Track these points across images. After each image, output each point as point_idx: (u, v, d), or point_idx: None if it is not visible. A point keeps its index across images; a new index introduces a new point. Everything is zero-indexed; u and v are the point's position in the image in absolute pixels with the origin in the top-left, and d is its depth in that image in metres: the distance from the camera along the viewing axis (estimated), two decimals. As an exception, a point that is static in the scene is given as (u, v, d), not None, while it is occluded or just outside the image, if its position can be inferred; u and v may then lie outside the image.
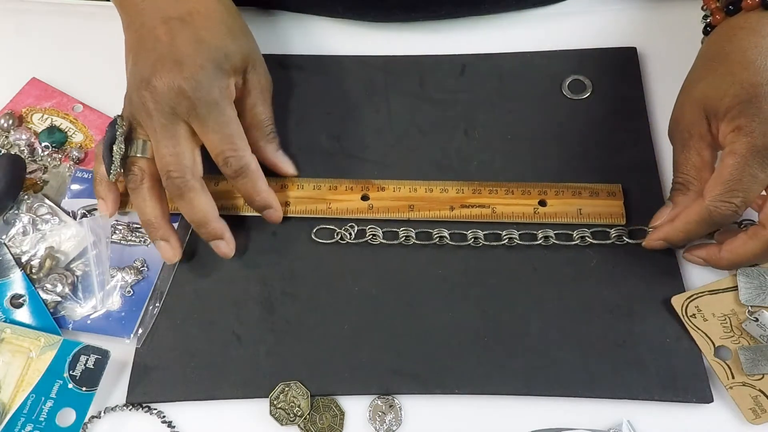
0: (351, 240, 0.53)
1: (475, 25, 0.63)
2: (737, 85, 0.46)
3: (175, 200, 0.49)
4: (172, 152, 0.48)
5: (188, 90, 0.47)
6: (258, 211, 0.52)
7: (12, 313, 0.50)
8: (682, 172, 0.50)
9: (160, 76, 0.47)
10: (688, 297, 0.50)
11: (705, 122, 0.48)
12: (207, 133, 0.48)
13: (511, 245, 0.53)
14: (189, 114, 0.48)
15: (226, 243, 0.50)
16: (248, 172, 0.50)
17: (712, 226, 0.48)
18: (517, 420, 0.47)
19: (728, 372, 0.48)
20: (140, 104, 0.48)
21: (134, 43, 0.50)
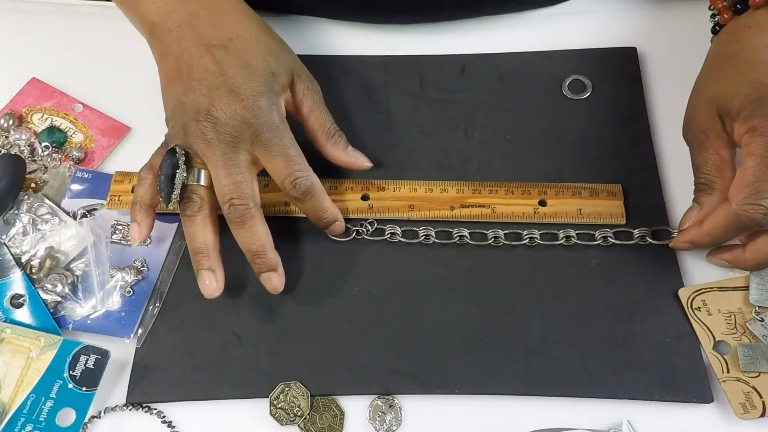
0: (368, 236, 0.53)
1: (475, 25, 0.63)
2: (747, 84, 0.46)
3: (235, 228, 0.48)
4: (234, 180, 0.47)
5: (250, 118, 0.47)
6: (324, 228, 0.52)
7: (12, 313, 0.50)
8: (704, 172, 0.49)
9: (219, 106, 0.47)
10: (696, 290, 0.50)
11: (719, 121, 0.48)
12: (272, 159, 0.48)
13: (511, 245, 0.53)
14: (253, 141, 0.48)
15: (278, 276, 0.49)
16: (314, 191, 0.49)
17: (740, 230, 0.47)
18: (517, 420, 0.47)
19: (724, 366, 0.48)
20: (199, 134, 0.47)
21: (176, 70, 0.49)
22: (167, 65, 0.50)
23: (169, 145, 0.49)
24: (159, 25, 0.51)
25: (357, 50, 0.62)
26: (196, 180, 0.49)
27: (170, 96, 0.50)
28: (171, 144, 0.49)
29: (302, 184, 0.49)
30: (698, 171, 0.50)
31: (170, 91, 0.50)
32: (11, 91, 0.59)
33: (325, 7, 0.62)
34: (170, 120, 0.50)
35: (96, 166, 0.56)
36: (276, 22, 0.63)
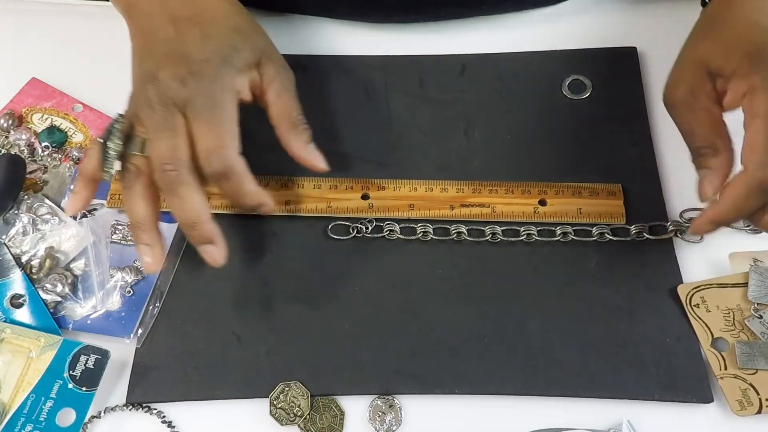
0: (367, 233, 0.53)
1: (475, 25, 0.63)
2: (745, 45, 0.45)
3: (167, 196, 0.46)
4: (168, 144, 0.45)
5: (190, 81, 0.46)
6: (250, 212, 0.50)
7: (12, 313, 0.50)
8: (700, 134, 0.46)
9: (165, 68, 0.47)
10: (695, 287, 0.50)
11: (709, 81, 0.47)
12: (197, 127, 0.46)
13: (509, 241, 0.53)
14: (186, 105, 0.46)
15: (217, 249, 0.47)
16: (233, 174, 0.46)
17: (764, 196, 0.44)
18: (517, 420, 0.47)
19: (722, 363, 0.48)
20: (144, 98, 0.47)
21: (141, 44, 0.50)
22: (136, 43, 0.50)
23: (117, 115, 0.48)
24: (134, 5, 0.51)
25: (357, 50, 0.62)
26: (137, 149, 0.46)
27: (132, 69, 0.50)
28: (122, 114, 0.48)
29: (215, 162, 0.45)
30: (693, 135, 0.47)
31: (133, 63, 0.50)
32: (11, 91, 0.59)
33: (325, 6, 0.62)
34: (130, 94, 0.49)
35: (96, 166, 0.56)
36: (276, 21, 0.63)
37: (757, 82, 0.44)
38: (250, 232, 0.54)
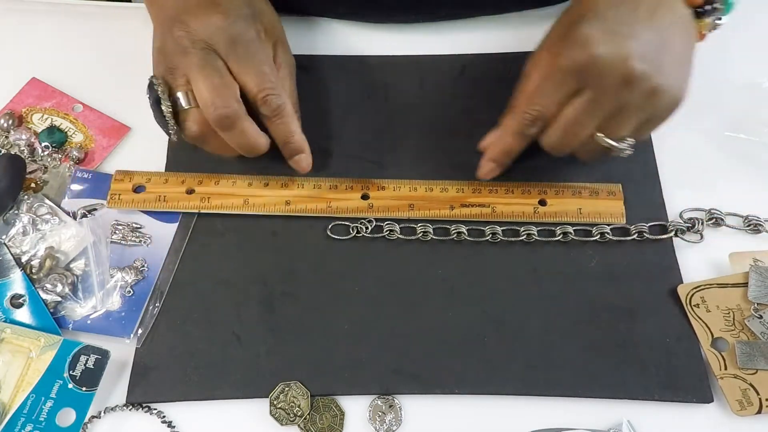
0: (367, 233, 0.53)
1: (475, 25, 0.63)
2: None
3: (226, 133, 0.49)
4: (213, 85, 0.47)
5: (226, 26, 0.47)
6: (289, 157, 0.52)
7: (12, 313, 0.50)
8: (514, 99, 0.51)
9: (196, 15, 0.47)
10: (695, 287, 0.50)
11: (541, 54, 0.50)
12: (246, 72, 0.48)
13: (509, 241, 0.53)
14: (227, 51, 0.47)
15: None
16: (285, 112, 0.49)
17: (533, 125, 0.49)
18: (517, 420, 0.47)
19: (722, 363, 0.48)
20: (175, 45, 0.47)
21: (164, 9, 0.50)
22: (160, 15, 0.51)
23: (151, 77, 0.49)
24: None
25: (357, 50, 0.62)
26: (184, 104, 0.48)
27: (156, 34, 0.50)
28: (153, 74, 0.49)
29: (273, 102, 0.49)
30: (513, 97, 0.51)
31: (157, 28, 0.50)
32: (11, 91, 0.59)
33: (325, 6, 0.62)
34: (154, 54, 0.50)
35: (96, 166, 0.56)
36: (276, 22, 0.63)
37: None
38: (250, 232, 0.54)
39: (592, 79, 0.46)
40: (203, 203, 0.53)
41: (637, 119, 0.47)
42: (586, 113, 0.47)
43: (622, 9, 0.46)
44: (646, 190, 0.55)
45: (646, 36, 0.45)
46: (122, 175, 0.55)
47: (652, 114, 0.47)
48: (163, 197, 0.54)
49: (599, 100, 0.46)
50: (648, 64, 0.45)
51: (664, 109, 0.47)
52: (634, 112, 0.47)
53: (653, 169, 0.56)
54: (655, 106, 0.47)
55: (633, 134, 0.48)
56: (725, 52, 0.61)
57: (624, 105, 0.46)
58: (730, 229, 0.54)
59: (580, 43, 0.45)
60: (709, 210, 0.54)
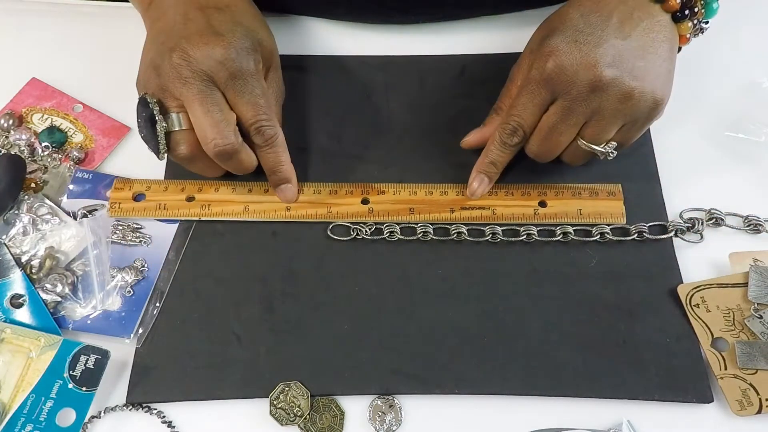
0: (367, 236, 0.53)
1: (475, 25, 0.63)
2: None
3: (222, 163, 0.51)
4: (215, 120, 0.48)
5: (227, 60, 0.48)
6: (275, 185, 0.53)
7: (12, 313, 0.50)
8: (499, 100, 0.55)
9: (197, 45, 0.48)
10: (695, 287, 0.50)
11: (526, 61, 0.52)
12: (243, 103, 0.49)
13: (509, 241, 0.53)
14: (226, 83, 0.48)
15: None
16: (276, 142, 0.51)
17: (513, 135, 0.51)
18: (517, 420, 0.47)
19: (722, 363, 0.48)
20: (175, 73, 0.48)
21: (163, 28, 0.50)
22: (156, 27, 0.51)
23: (140, 94, 0.49)
24: None
25: (357, 50, 0.62)
26: (176, 125, 0.49)
27: (149, 49, 0.50)
28: (142, 92, 0.49)
29: (266, 132, 0.50)
30: (498, 100, 0.55)
31: (151, 45, 0.50)
32: (11, 91, 0.59)
33: (325, 7, 0.62)
34: (143, 68, 0.50)
35: (96, 166, 0.56)
36: (276, 22, 0.63)
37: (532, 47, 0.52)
38: (250, 232, 0.54)
39: (562, 88, 0.48)
40: (203, 210, 0.54)
41: (616, 124, 0.49)
42: (561, 121, 0.49)
43: (593, 18, 0.48)
44: (646, 190, 0.55)
45: (617, 43, 0.47)
46: (122, 183, 0.55)
47: (631, 117, 0.49)
48: (164, 205, 0.54)
49: (571, 108, 0.48)
50: (618, 69, 0.47)
51: (643, 111, 0.48)
52: (610, 117, 0.48)
53: (653, 169, 0.56)
54: (632, 110, 0.48)
55: (618, 138, 0.50)
56: (725, 52, 0.62)
57: (598, 111, 0.48)
58: (730, 229, 0.54)
59: (547, 54, 0.48)
60: (709, 210, 0.54)
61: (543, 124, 0.50)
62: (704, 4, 0.50)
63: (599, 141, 0.50)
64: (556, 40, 0.48)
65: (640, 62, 0.47)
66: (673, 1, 0.49)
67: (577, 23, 0.48)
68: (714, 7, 0.50)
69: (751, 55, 0.62)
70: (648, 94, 0.48)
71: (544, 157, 0.52)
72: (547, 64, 0.48)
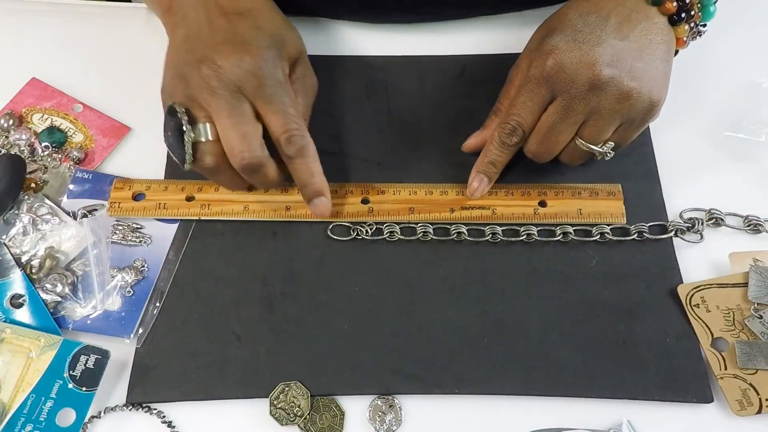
0: (367, 236, 0.53)
1: (475, 25, 0.63)
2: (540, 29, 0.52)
3: (248, 177, 0.50)
4: (242, 132, 0.47)
5: (255, 69, 0.47)
6: (308, 199, 0.52)
7: (12, 313, 0.50)
8: (498, 101, 0.55)
9: (225, 56, 0.47)
10: (695, 287, 0.50)
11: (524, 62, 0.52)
12: (272, 113, 0.48)
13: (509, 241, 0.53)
14: (256, 93, 0.48)
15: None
16: (307, 152, 0.50)
17: (513, 134, 0.51)
18: (517, 420, 0.47)
19: (722, 363, 0.48)
20: (203, 83, 0.47)
21: (187, 34, 0.50)
22: (179, 33, 0.50)
23: (167, 103, 0.49)
24: (178, 0, 0.52)
25: (357, 50, 0.62)
26: (203, 136, 0.48)
27: (174, 56, 0.50)
28: (169, 101, 0.48)
29: (297, 141, 0.49)
30: (497, 101, 0.55)
31: (176, 52, 0.50)
32: (11, 91, 0.59)
33: (325, 6, 0.62)
34: (169, 77, 0.49)
35: (96, 166, 0.56)
36: (276, 22, 0.63)
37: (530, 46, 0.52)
38: (251, 232, 0.54)
39: (561, 86, 0.48)
40: (203, 210, 0.53)
41: (613, 123, 0.49)
42: (560, 120, 0.49)
43: (591, 18, 0.48)
44: (646, 190, 0.55)
45: (615, 43, 0.48)
46: (121, 183, 0.55)
47: (628, 117, 0.49)
48: (163, 205, 0.54)
49: (570, 107, 0.48)
50: (616, 69, 0.47)
51: (639, 112, 0.49)
52: (608, 117, 0.48)
53: (653, 169, 0.56)
54: (630, 110, 0.48)
55: (615, 139, 0.50)
56: (725, 52, 0.62)
57: (596, 110, 0.48)
58: (730, 229, 0.54)
59: (547, 53, 0.48)
60: (709, 210, 0.54)
61: (542, 124, 0.50)
62: (701, 8, 0.50)
63: (597, 141, 0.50)
64: (555, 39, 0.48)
65: (638, 63, 0.48)
66: (669, 4, 0.49)
67: (576, 23, 0.49)
68: (711, 11, 0.51)
69: (750, 55, 0.62)
70: (645, 95, 0.48)
71: (543, 157, 0.52)
72: (547, 63, 0.48)
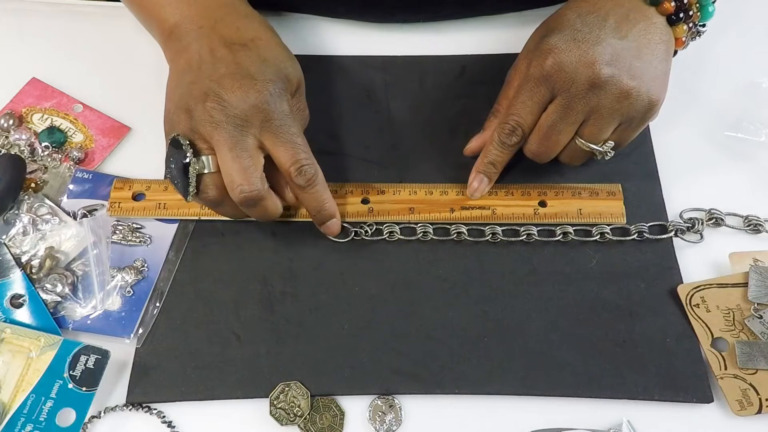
0: (367, 237, 0.53)
1: (475, 25, 0.63)
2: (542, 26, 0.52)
3: (246, 210, 0.49)
4: (243, 165, 0.47)
5: (262, 103, 0.47)
6: (320, 223, 0.52)
7: (12, 313, 0.50)
8: (497, 102, 0.54)
9: (231, 90, 0.47)
10: (695, 287, 0.50)
11: (523, 62, 0.52)
12: (280, 145, 0.48)
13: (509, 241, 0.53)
14: (262, 126, 0.48)
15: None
16: (317, 181, 0.50)
17: (512, 135, 0.51)
18: (517, 420, 0.47)
19: (722, 363, 0.48)
20: (207, 116, 0.47)
21: (189, 64, 0.50)
22: (181, 61, 0.50)
23: (170, 134, 0.49)
24: (180, 27, 0.51)
25: (357, 50, 0.62)
26: (206, 168, 0.48)
27: (177, 86, 0.50)
28: (172, 133, 0.48)
29: (307, 172, 0.49)
30: (496, 103, 0.55)
31: (179, 81, 0.50)
32: (11, 91, 0.59)
33: (325, 5, 0.62)
34: (172, 108, 0.49)
35: (96, 166, 0.56)
36: (276, 21, 0.63)
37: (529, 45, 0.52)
38: (250, 232, 0.54)
39: (561, 85, 0.48)
40: (203, 210, 0.53)
41: (613, 123, 0.49)
42: (560, 119, 0.49)
43: (590, 18, 0.49)
44: (646, 190, 0.55)
45: (614, 42, 0.48)
46: (121, 183, 0.55)
47: (627, 117, 0.49)
48: (163, 205, 0.54)
49: (570, 106, 0.48)
50: (616, 68, 0.47)
51: (639, 111, 0.49)
52: (608, 116, 0.48)
53: (653, 169, 0.56)
54: (629, 109, 0.48)
55: (615, 138, 0.50)
56: (725, 52, 0.62)
57: (596, 109, 0.48)
58: (730, 229, 0.54)
59: (546, 52, 0.48)
60: (709, 210, 0.54)
61: (542, 123, 0.50)
62: (699, 8, 0.50)
63: (597, 140, 0.50)
64: (554, 39, 0.48)
65: (637, 62, 0.48)
66: (667, 4, 0.49)
67: (575, 23, 0.49)
68: (710, 11, 0.51)
69: (750, 56, 0.62)
70: (644, 94, 0.48)
71: (543, 157, 0.52)
72: (546, 62, 0.48)
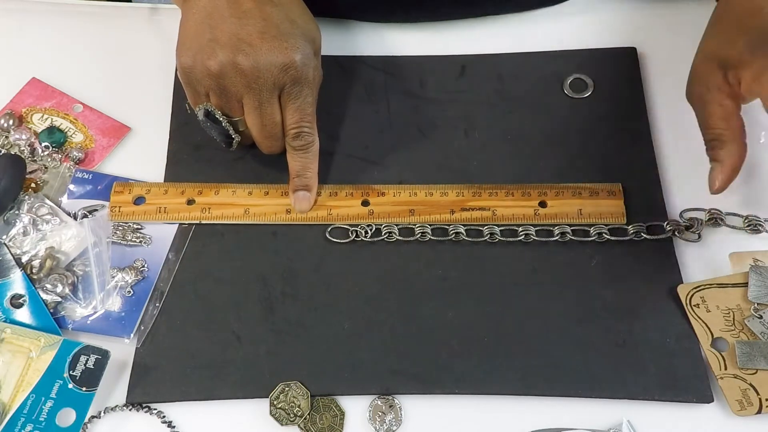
0: (366, 238, 0.53)
1: (475, 25, 0.63)
2: (746, 32, 0.47)
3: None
4: (269, 122, 0.50)
5: (291, 67, 0.48)
6: (294, 190, 0.53)
7: (12, 313, 0.50)
8: (711, 127, 0.49)
9: (262, 51, 0.48)
10: (695, 287, 0.50)
11: (720, 73, 0.48)
12: (292, 108, 0.50)
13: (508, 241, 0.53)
14: (285, 87, 0.49)
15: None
16: (311, 149, 0.52)
17: None
18: (517, 420, 0.47)
19: (722, 363, 0.48)
20: (238, 75, 0.48)
21: (209, 11, 0.48)
22: (200, 5, 0.49)
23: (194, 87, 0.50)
24: None
25: (357, 50, 0.62)
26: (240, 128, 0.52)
27: (197, 34, 0.48)
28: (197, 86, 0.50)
29: (305, 138, 0.52)
30: (705, 127, 0.49)
31: (199, 25, 0.48)
32: (11, 91, 0.59)
33: (325, 5, 0.62)
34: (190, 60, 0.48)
35: (96, 166, 0.56)
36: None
37: (758, 68, 0.45)
38: (250, 232, 0.54)
39: None
40: (204, 214, 0.54)
41: None
42: None
43: None
44: (646, 190, 0.55)
45: None
46: (121, 186, 0.55)
47: None
48: (164, 208, 0.54)
49: None
50: None
51: None
52: None
53: (654, 168, 0.56)
54: None
55: None
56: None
57: None
58: (730, 229, 0.54)
59: None
60: (709, 210, 0.54)
61: None
62: None
63: None
64: None
65: None
66: None
67: None
68: None
69: (751, 55, 0.62)
70: None
71: None
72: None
